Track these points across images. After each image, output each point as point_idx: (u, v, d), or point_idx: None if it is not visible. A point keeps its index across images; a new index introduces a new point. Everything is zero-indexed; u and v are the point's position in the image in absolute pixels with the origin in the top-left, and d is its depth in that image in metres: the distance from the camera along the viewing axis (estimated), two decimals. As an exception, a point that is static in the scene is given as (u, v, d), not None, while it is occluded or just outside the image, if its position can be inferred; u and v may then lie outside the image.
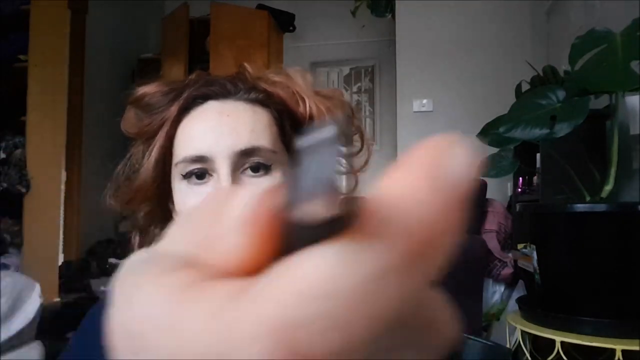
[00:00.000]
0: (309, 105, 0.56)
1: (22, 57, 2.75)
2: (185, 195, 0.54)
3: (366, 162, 0.64)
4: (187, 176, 0.53)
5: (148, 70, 4.95)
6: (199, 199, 0.52)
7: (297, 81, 0.58)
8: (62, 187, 3.21)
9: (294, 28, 5.17)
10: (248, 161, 0.52)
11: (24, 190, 2.52)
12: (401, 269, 0.12)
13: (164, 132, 0.55)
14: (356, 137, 0.64)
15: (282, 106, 0.57)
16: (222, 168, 0.51)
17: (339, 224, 0.12)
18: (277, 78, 0.58)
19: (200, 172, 0.53)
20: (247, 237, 0.12)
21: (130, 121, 0.59)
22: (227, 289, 0.11)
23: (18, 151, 2.57)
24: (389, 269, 0.11)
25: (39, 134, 2.69)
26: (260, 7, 4.90)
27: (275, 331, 0.10)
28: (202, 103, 0.55)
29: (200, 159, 0.52)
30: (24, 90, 2.67)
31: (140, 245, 0.62)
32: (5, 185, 2.47)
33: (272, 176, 0.53)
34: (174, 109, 0.55)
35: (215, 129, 0.53)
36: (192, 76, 0.58)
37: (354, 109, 0.64)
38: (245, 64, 0.59)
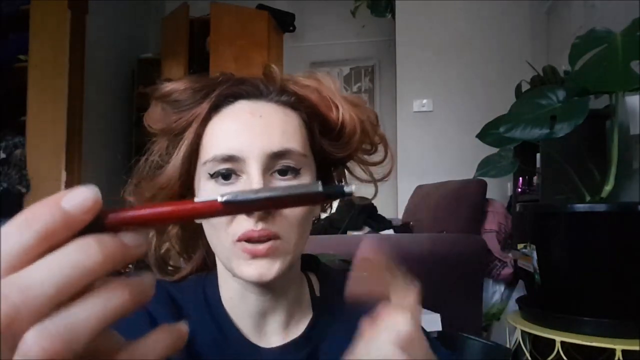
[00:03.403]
0: (342, 112, 0.56)
1: (22, 57, 2.75)
2: (211, 194, 0.53)
3: (389, 172, 0.65)
4: (214, 176, 0.52)
5: (148, 70, 4.96)
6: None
7: (329, 86, 0.58)
8: (62, 187, 3.21)
9: (294, 28, 5.17)
10: (278, 164, 0.52)
11: (24, 190, 2.52)
12: None
13: (193, 130, 0.54)
14: (380, 147, 0.64)
15: (312, 110, 0.56)
16: (253, 169, 0.50)
17: None
18: (307, 82, 0.57)
19: (228, 172, 0.52)
20: None
21: (155, 117, 0.57)
22: None
23: (18, 151, 2.57)
24: None
25: (39, 134, 2.69)
26: (260, 7, 4.90)
27: None
28: (233, 102, 0.54)
29: (230, 158, 0.51)
30: (24, 90, 2.67)
31: (159, 245, 0.61)
32: (5, 185, 2.47)
33: (300, 180, 0.53)
34: (204, 106, 0.54)
35: (248, 129, 0.52)
36: (219, 76, 0.57)
37: (377, 116, 0.63)
38: (272, 65, 0.58)
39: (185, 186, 0.56)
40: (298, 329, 0.58)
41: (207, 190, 0.53)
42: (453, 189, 2.62)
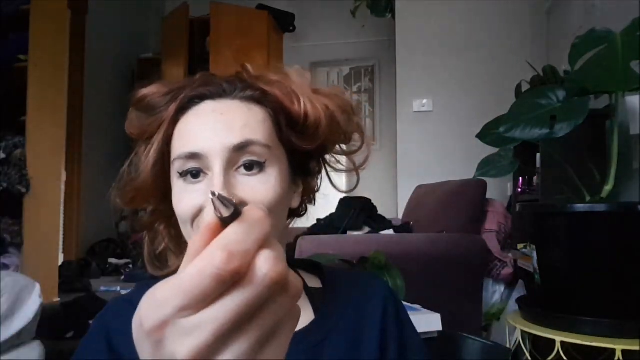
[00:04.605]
0: (303, 103, 0.57)
1: (22, 57, 2.75)
2: (180, 193, 0.54)
3: (366, 160, 0.65)
4: (183, 175, 0.54)
5: (148, 70, 4.96)
6: (192, 196, 0.53)
7: (294, 79, 0.59)
8: (62, 187, 3.21)
9: (294, 28, 5.17)
10: (242, 158, 0.52)
11: (24, 190, 2.52)
12: None
13: (161, 132, 0.56)
14: (357, 137, 0.64)
15: (277, 104, 0.57)
16: (216, 166, 0.51)
17: None
18: (275, 77, 0.59)
19: (196, 171, 0.53)
20: None
21: (132, 122, 0.60)
22: None
23: (18, 151, 2.56)
24: None
25: (39, 134, 2.69)
26: (260, 7, 4.90)
27: None
28: (199, 103, 0.56)
29: (194, 155, 0.53)
30: (24, 90, 2.66)
31: (151, 242, 0.64)
32: (5, 185, 2.47)
33: (266, 173, 0.53)
34: (171, 109, 0.56)
35: (209, 126, 0.53)
36: (196, 77, 0.59)
37: (354, 106, 0.63)
38: (247, 65, 0.60)
39: (162, 187, 0.58)
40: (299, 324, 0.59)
41: (178, 189, 0.55)
42: (453, 189, 2.62)
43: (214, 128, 0.53)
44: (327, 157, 0.65)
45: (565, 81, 1.77)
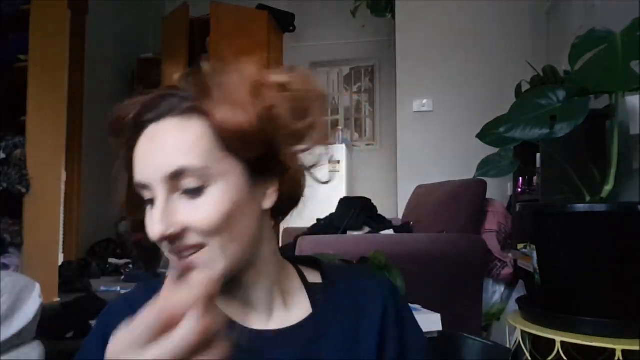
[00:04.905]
0: (226, 112, 0.52)
1: (22, 57, 2.75)
2: (147, 219, 0.55)
3: (320, 161, 0.60)
4: (146, 202, 0.55)
5: (148, 70, 4.96)
6: (149, 223, 0.53)
7: (233, 80, 0.54)
8: (62, 187, 3.21)
9: (294, 28, 5.18)
10: (181, 184, 0.52)
11: (24, 190, 2.52)
12: None
13: (124, 157, 0.58)
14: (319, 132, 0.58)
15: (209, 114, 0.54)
16: (158, 196, 0.52)
17: None
18: (216, 78, 0.54)
19: (150, 199, 0.54)
20: None
21: (110, 141, 0.61)
22: None
23: (18, 151, 2.56)
24: None
25: (39, 134, 2.69)
26: (260, 7, 4.90)
27: None
28: (147, 126, 0.55)
29: (143, 186, 0.53)
30: (24, 90, 2.66)
31: (143, 241, 0.64)
32: (5, 185, 2.47)
33: (208, 194, 0.52)
34: (123, 141, 0.57)
35: (147, 155, 0.53)
36: (154, 94, 0.56)
37: (319, 96, 0.58)
38: (204, 63, 0.56)
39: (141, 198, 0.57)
40: (296, 317, 0.60)
41: (146, 214, 0.55)
42: (453, 189, 2.62)
43: (151, 157, 0.53)
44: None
45: (565, 81, 1.77)
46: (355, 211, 2.52)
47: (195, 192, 0.52)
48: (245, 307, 0.60)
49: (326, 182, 0.63)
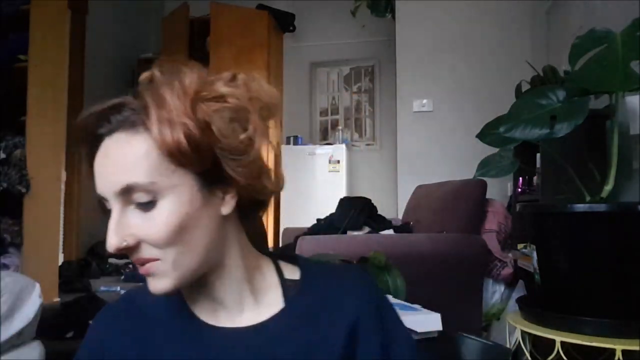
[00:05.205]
0: (158, 129, 0.52)
1: (22, 57, 2.75)
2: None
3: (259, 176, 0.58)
4: (109, 212, 0.56)
5: (148, 70, 4.96)
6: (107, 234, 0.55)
7: (171, 93, 0.53)
8: (62, 187, 3.21)
9: (294, 28, 5.18)
10: (132, 198, 0.53)
11: (24, 190, 2.52)
12: None
13: (89, 172, 0.58)
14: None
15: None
16: (114, 207, 0.54)
17: None
18: (158, 91, 0.54)
19: (109, 210, 0.55)
20: None
21: None
22: None
23: (18, 151, 2.56)
24: None
25: (39, 134, 2.69)
26: (260, 7, 4.90)
27: None
28: (104, 139, 0.55)
29: (102, 198, 0.55)
30: (24, 90, 2.66)
31: None
32: (5, 185, 2.47)
33: (159, 207, 0.53)
34: (85, 152, 0.57)
35: (100, 170, 0.55)
36: (114, 101, 0.57)
37: (266, 102, 0.58)
38: (155, 72, 0.56)
39: None
40: (267, 313, 0.61)
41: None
42: (453, 189, 2.62)
43: (104, 173, 0.54)
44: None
45: (565, 81, 1.77)
46: (355, 211, 2.52)
47: (147, 206, 0.53)
48: (214, 305, 0.61)
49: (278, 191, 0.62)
